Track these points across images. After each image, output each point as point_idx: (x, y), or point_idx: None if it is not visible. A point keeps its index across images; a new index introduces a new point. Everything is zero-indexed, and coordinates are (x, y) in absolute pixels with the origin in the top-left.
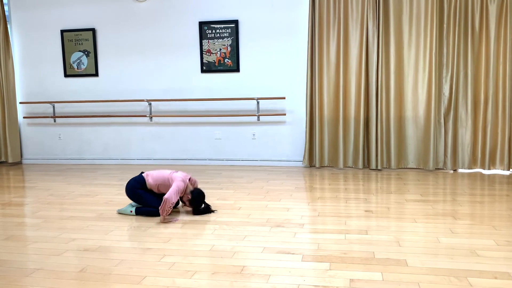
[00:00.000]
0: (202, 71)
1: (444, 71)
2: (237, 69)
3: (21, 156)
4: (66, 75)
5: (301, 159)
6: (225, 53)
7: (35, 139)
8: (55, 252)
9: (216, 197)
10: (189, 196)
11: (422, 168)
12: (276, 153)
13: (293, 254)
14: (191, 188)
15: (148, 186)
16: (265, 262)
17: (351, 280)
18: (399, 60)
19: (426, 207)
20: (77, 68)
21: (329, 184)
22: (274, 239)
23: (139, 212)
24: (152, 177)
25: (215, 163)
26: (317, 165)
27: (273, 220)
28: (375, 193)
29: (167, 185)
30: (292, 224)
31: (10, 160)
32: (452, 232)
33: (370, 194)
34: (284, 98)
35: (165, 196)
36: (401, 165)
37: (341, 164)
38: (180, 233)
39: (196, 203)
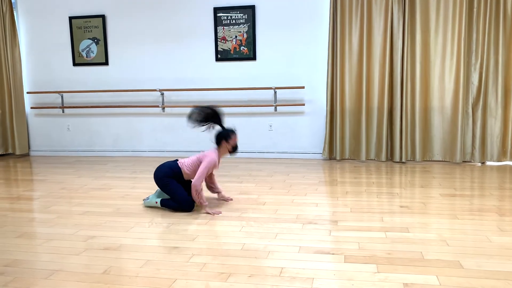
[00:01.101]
0: (217, 59)
1: (473, 58)
2: (253, 57)
3: (29, 148)
4: (74, 64)
5: (320, 151)
6: (241, 40)
7: (43, 130)
8: (74, 251)
9: (238, 191)
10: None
11: (449, 160)
12: (294, 145)
13: (333, 254)
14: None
15: (185, 176)
16: (305, 263)
17: (405, 285)
18: (425, 47)
19: (464, 203)
20: (86, 57)
21: (354, 178)
22: (308, 237)
23: (165, 204)
24: (187, 166)
25: (229, 156)
26: (338, 158)
27: (303, 217)
28: (405, 187)
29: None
30: (324, 221)
31: (17, 152)
32: (501, 230)
33: (401, 188)
34: (303, 87)
35: (192, 182)
36: (426, 158)
37: (363, 157)
38: (206, 230)
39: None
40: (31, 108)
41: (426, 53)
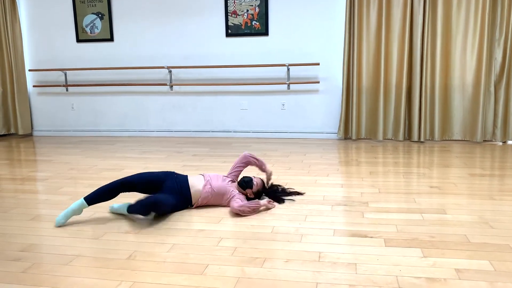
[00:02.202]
0: (227, 35)
1: (497, 33)
2: (265, 33)
3: (32, 127)
4: (78, 40)
5: (335, 131)
6: (252, 14)
7: (46, 109)
8: (93, 235)
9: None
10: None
11: (469, 140)
12: (307, 124)
13: (371, 237)
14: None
15: (197, 203)
16: (343, 247)
17: (457, 270)
18: (447, 22)
19: (496, 183)
20: (90, 33)
21: (374, 158)
22: (340, 219)
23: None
24: (208, 193)
25: (241, 135)
26: (354, 137)
27: (330, 198)
28: (430, 166)
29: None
30: (354, 202)
31: (20, 132)
32: None
33: (425, 168)
34: (318, 64)
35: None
36: (445, 137)
37: (380, 136)
38: (226, 213)
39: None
40: (34, 86)
41: (447, 28)
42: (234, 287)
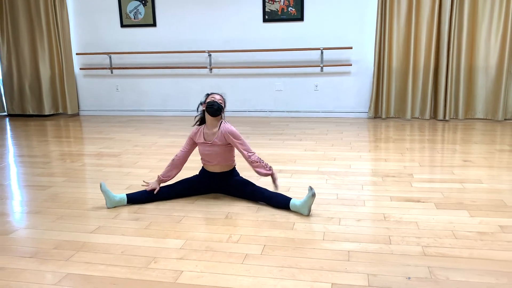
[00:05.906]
0: (264, 20)
1: None
2: (301, 18)
3: (78, 108)
4: (122, 25)
5: (365, 110)
6: (289, 1)
7: (92, 90)
8: (189, 200)
9: (303, 147)
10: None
11: (490, 118)
12: (339, 104)
13: (423, 202)
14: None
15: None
16: (401, 210)
17: (501, 227)
18: (473, 7)
19: None
20: (134, 18)
21: (407, 135)
22: (393, 188)
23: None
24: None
25: (275, 115)
26: (383, 116)
27: (378, 171)
28: (460, 143)
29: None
30: (401, 174)
31: (69, 112)
32: None
33: (457, 145)
34: (351, 48)
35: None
36: (468, 116)
37: (408, 115)
38: (296, 182)
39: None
40: (80, 69)
41: (474, 13)
42: (323, 239)
